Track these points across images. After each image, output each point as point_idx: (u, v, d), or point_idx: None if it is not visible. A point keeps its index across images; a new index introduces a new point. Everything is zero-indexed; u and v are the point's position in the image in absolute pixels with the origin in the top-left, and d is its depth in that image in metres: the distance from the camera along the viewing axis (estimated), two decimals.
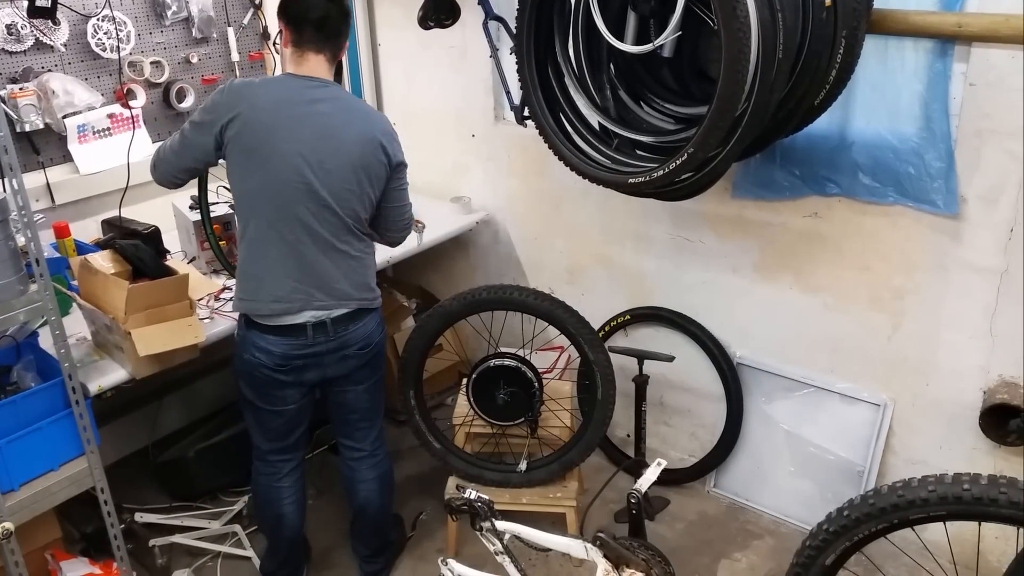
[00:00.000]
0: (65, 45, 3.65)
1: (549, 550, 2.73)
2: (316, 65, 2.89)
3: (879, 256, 3.26)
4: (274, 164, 2.80)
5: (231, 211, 3.61)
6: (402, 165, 3.03)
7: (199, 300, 3.22)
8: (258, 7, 4.29)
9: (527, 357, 3.55)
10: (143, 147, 3.88)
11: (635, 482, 2.91)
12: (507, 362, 3.49)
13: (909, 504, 2.30)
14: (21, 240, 2.60)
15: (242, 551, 3.66)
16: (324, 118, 2.84)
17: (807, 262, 3.45)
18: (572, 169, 3.15)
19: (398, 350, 4.27)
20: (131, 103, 3.84)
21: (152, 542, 3.61)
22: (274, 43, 2.91)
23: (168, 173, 3.00)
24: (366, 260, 3.07)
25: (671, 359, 3.61)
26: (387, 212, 3.08)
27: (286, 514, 3.29)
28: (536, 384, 3.48)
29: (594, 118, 3.17)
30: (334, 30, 2.89)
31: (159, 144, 3.04)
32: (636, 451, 3.82)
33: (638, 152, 3.08)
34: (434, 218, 4.14)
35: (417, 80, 4.49)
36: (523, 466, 3.54)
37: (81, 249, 3.45)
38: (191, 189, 3.79)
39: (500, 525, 2.71)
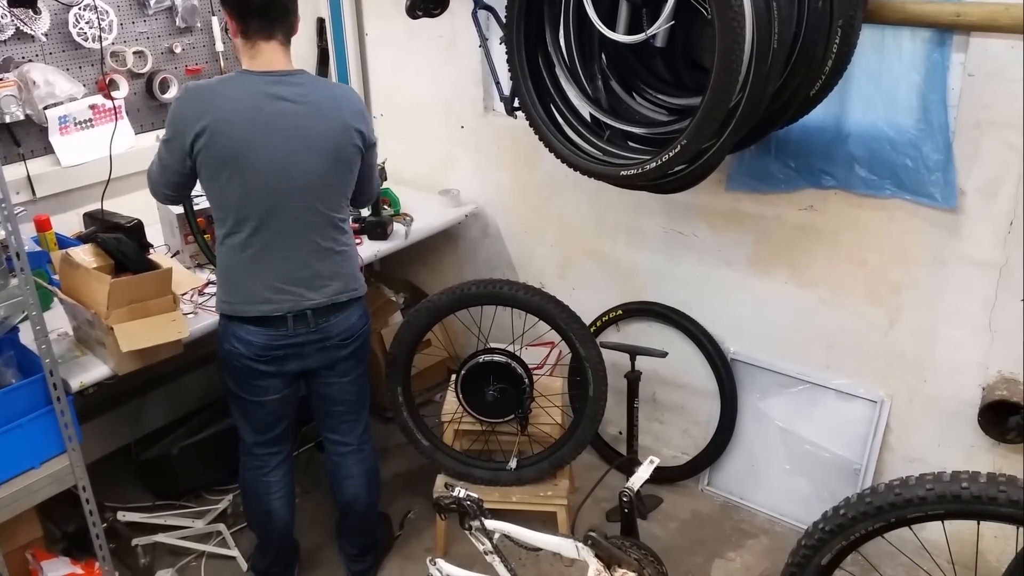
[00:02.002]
0: (46, 35, 3.61)
1: (540, 549, 2.70)
2: (271, 55, 2.81)
3: (876, 250, 3.24)
4: (252, 174, 2.76)
5: None
6: (374, 144, 3.04)
7: (183, 295, 3.21)
8: None
9: (517, 353, 3.51)
10: (126, 139, 3.86)
11: (627, 480, 2.90)
12: (496, 358, 3.46)
13: (907, 503, 2.28)
14: (1, 234, 2.58)
15: (226, 550, 3.63)
16: (294, 119, 2.78)
17: (802, 256, 3.43)
18: (563, 161, 3.12)
19: (385, 345, 4.24)
20: (113, 94, 3.80)
21: (135, 541, 3.57)
22: (224, 29, 2.85)
23: (160, 195, 3.02)
24: (350, 252, 3.06)
25: (664, 355, 3.58)
26: (357, 186, 3.07)
27: (275, 509, 3.25)
28: (526, 380, 3.44)
29: (585, 109, 3.15)
30: (280, 10, 2.79)
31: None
32: (628, 449, 3.81)
33: (630, 144, 3.05)
34: (422, 211, 4.13)
35: (405, 70, 4.46)
36: (513, 464, 3.50)
37: (63, 243, 3.41)
38: None
39: (490, 524, 2.68)
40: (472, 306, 3.52)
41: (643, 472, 2.87)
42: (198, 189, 3.32)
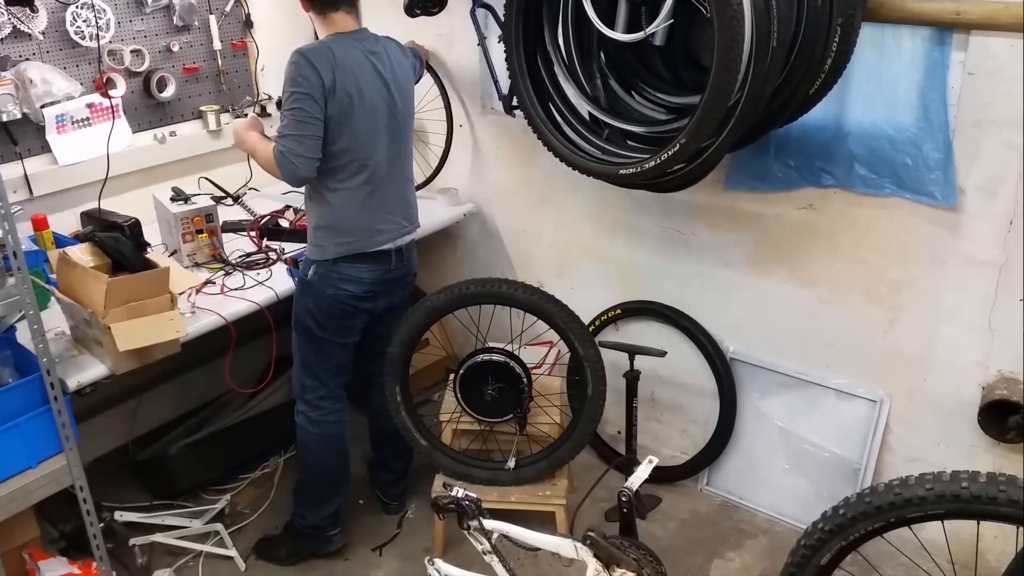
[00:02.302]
0: (43, 33, 3.61)
1: (538, 550, 2.69)
2: (344, 20, 3.13)
3: (875, 249, 3.23)
4: (371, 117, 3.09)
5: (213, 203, 3.62)
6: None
7: (180, 294, 3.17)
8: None
9: (515, 352, 3.50)
10: (123, 137, 3.85)
11: (626, 480, 2.88)
12: (495, 357, 3.44)
13: (906, 502, 2.25)
14: None
15: (224, 550, 3.60)
16: (387, 67, 3.15)
17: (802, 255, 3.42)
18: (562, 160, 3.12)
19: None
20: (111, 92, 3.79)
21: (132, 541, 3.55)
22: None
23: (304, 164, 3.01)
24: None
25: (663, 354, 3.56)
26: None
27: (347, 451, 3.57)
28: (524, 380, 3.43)
29: (584, 108, 3.15)
30: None
31: (274, 147, 3.02)
32: (627, 448, 3.78)
33: (629, 143, 3.06)
34: (421, 210, 4.05)
35: None
36: (512, 463, 3.49)
37: (60, 242, 3.41)
38: (172, 180, 3.76)
39: (488, 524, 2.68)
40: (470, 305, 3.49)
41: (642, 472, 2.84)
42: (194, 188, 3.35)
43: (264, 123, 3.44)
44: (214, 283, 3.45)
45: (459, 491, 2.71)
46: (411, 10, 3.71)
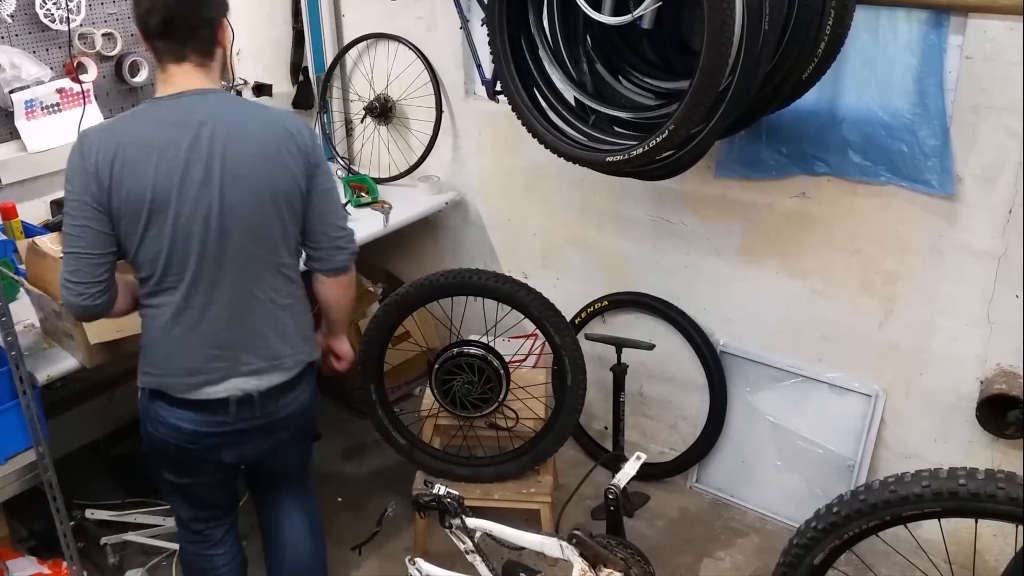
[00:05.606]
0: (11, 16, 3.52)
1: (523, 549, 2.68)
2: (183, 79, 2.38)
3: (870, 239, 3.20)
4: (173, 222, 2.34)
5: None
6: (319, 165, 2.52)
7: None
8: None
9: (491, 344, 3.47)
10: (95, 123, 3.75)
11: (613, 477, 2.87)
12: (471, 350, 3.40)
13: (902, 500, 2.24)
14: None
15: None
16: (215, 147, 2.34)
17: (794, 245, 3.40)
18: (547, 147, 3.08)
19: None
20: (82, 77, 3.72)
21: (104, 540, 3.51)
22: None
23: (81, 289, 2.35)
24: (296, 308, 2.61)
25: (651, 347, 3.52)
26: (314, 222, 2.56)
27: None
28: (502, 372, 3.39)
29: (570, 93, 3.11)
30: (187, 28, 2.33)
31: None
32: (614, 444, 3.74)
33: (616, 129, 3.02)
34: (401, 198, 4.11)
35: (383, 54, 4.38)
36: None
37: (29, 231, 3.36)
38: None
39: (471, 522, 2.66)
40: (441, 297, 3.44)
41: (629, 469, 2.84)
42: None
43: None
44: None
45: (440, 488, 2.69)
46: None
